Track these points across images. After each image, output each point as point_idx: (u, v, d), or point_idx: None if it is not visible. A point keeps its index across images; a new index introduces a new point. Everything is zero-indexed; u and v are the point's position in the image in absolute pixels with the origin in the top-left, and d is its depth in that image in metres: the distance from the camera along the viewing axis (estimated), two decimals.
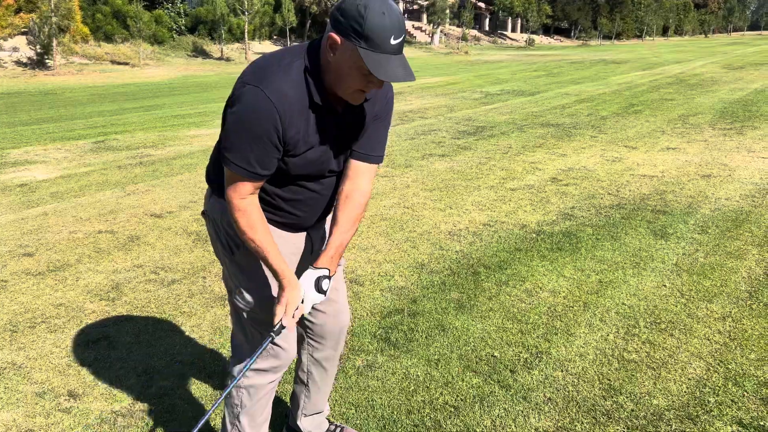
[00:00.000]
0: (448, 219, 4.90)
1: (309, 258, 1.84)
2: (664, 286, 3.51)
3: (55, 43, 20.49)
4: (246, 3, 27.33)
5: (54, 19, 20.11)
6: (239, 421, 1.85)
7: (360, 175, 1.71)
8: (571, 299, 3.35)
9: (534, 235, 4.45)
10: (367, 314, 3.21)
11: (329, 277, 1.67)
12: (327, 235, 1.81)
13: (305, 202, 1.73)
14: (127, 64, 23.66)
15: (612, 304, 3.28)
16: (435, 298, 3.39)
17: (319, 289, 1.65)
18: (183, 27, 29.15)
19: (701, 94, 13.70)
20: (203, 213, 1.83)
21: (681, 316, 3.12)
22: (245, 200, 1.58)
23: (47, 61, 20.79)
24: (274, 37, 33.75)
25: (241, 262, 1.75)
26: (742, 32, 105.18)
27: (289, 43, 31.57)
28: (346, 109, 1.62)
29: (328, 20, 1.49)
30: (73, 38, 23.03)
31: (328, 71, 1.51)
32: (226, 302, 3.39)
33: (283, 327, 1.60)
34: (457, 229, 4.63)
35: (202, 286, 3.64)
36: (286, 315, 1.60)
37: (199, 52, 28.50)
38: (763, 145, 7.71)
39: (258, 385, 1.82)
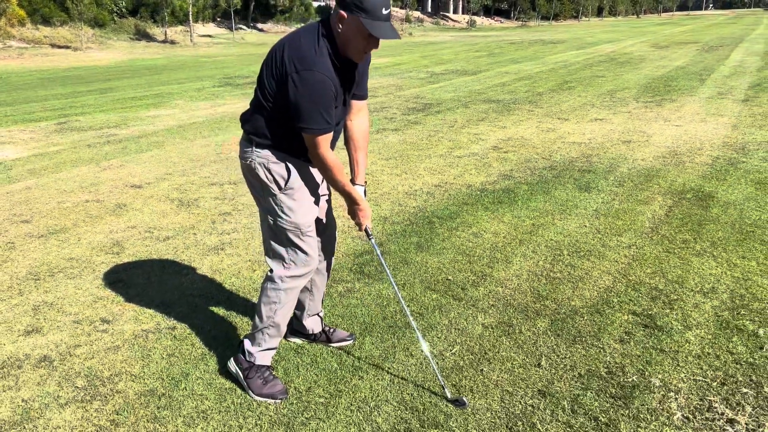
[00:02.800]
0: (405, 182, 5.54)
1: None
2: (585, 226, 4.26)
3: None
4: None
5: None
6: (275, 314, 2.43)
7: (362, 109, 2.42)
8: (509, 238, 4.06)
9: (478, 193, 5.15)
10: (342, 255, 3.82)
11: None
12: (353, 159, 2.47)
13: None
14: (68, 47, 23.21)
15: (542, 240, 4.00)
16: (398, 242, 4.03)
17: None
18: (124, 9, 28.64)
19: (629, 71, 14.77)
20: (244, 160, 2.34)
21: (597, 246, 3.87)
22: (328, 150, 2.18)
23: None
24: (218, 19, 33.47)
25: (288, 193, 2.32)
26: (672, 12, 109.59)
27: (233, 24, 31.41)
28: (352, 67, 2.24)
29: (335, 2, 2.12)
30: (9, 21, 22.44)
31: (339, 40, 2.11)
32: (219, 251, 3.94)
33: (368, 234, 2.47)
34: (413, 190, 5.28)
35: (194, 240, 4.17)
36: (368, 219, 2.44)
37: (142, 35, 28.10)
38: (678, 115, 8.66)
39: (295, 286, 2.43)
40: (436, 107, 9.90)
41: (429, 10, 61.86)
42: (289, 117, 2.15)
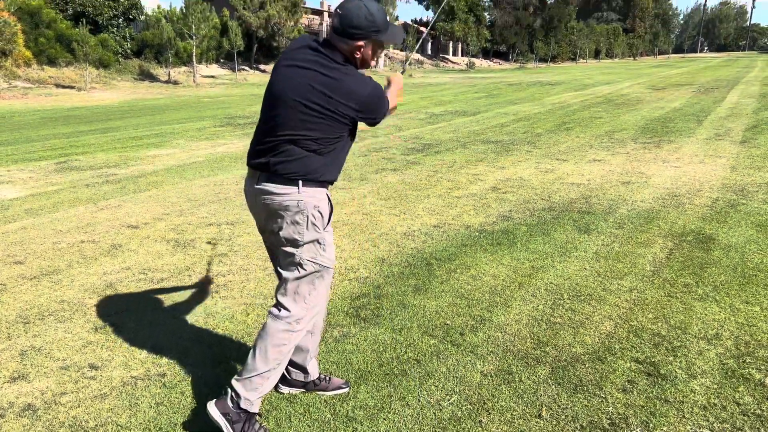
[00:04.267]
0: (403, 222, 5.51)
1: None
2: (585, 269, 4.21)
3: None
4: (193, 27, 27.60)
5: None
6: (284, 357, 2.39)
7: None
8: (508, 281, 4.00)
9: (477, 234, 5.11)
10: (338, 299, 3.76)
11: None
12: None
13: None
14: (72, 87, 23.52)
15: (542, 284, 3.94)
16: (396, 284, 3.97)
17: None
18: (129, 51, 29.10)
19: (626, 112, 14.92)
20: (287, 201, 2.35)
21: (597, 290, 3.81)
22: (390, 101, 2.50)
23: None
24: (221, 60, 34.03)
25: (329, 230, 2.43)
26: (668, 55, 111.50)
27: (236, 65, 31.93)
28: None
29: (336, 37, 2.29)
30: (15, 62, 22.78)
31: (356, 62, 2.34)
32: (213, 293, 3.88)
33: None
34: (411, 231, 5.24)
35: (189, 282, 4.11)
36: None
37: (146, 76, 28.51)
38: (676, 156, 8.69)
39: (306, 329, 2.46)
40: (435, 147, 9.95)
41: (429, 52, 62.99)
42: (338, 140, 2.33)
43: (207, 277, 4.20)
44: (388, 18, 2.31)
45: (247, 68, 34.73)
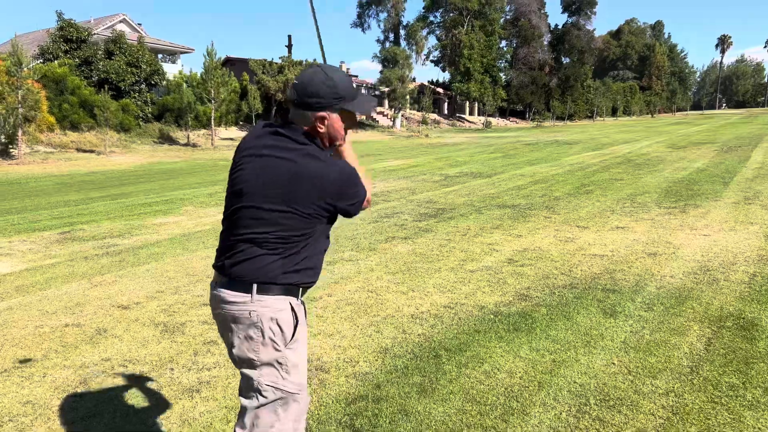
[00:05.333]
0: (411, 302, 5.09)
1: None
2: (613, 363, 3.73)
3: (20, 132, 20.64)
4: (212, 92, 28.12)
5: (21, 110, 20.35)
6: None
7: None
8: (526, 379, 3.53)
9: (492, 317, 4.67)
10: (332, 401, 3.32)
11: None
12: None
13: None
14: (92, 151, 23.85)
15: (564, 383, 3.47)
16: (398, 383, 3.53)
17: None
18: (150, 115, 29.69)
19: (648, 173, 14.52)
20: (239, 312, 1.98)
21: (628, 393, 3.33)
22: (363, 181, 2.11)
23: (11, 150, 20.86)
24: (240, 122, 34.56)
25: (293, 347, 2.00)
26: (686, 111, 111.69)
27: None
28: None
29: (295, 111, 1.98)
30: (38, 127, 23.23)
31: (322, 138, 2.02)
32: (194, 393, 3.47)
33: None
34: (420, 312, 4.81)
35: (169, 378, 3.71)
36: None
37: (166, 139, 28.94)
38: (704, 222, 8.22)
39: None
40: (449, 213, 9.60)
41: (446, 112, 63.76)
42: (304, 237, 1.98)
43: (190, 371, 3.80)
44: (354, 86, 2.04)
45: None
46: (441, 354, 3.95)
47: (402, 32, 53.25)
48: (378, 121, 48.05)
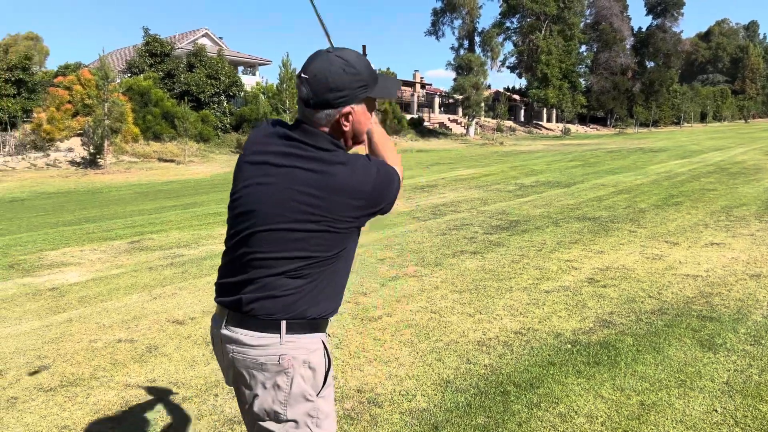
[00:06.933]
0: (478, 326, 4.65)
1: None
2: (715, 411, 3.16)
3: (106, 143, 21.61)
4: (287, 102, 28.57)
5: (107, 122, 21.31)
6: None
7: None
8: (609, 426, 3.03)
9: (569, 347, 4.16)
10: None
11: None
12: None
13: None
14: (173, 161, 24.69)
15: None
16: (459, 424, 3.11)
17: None
18: (228, 125, 30.50)
19: (744, 183, 13.32)
20: (265, 359, 1.67)
21: None
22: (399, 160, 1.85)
23: (99, 160, 21.87)
24: None
25: (326, 395, 1.70)
26: None
27: None
28: None
29: (310, 111, 1.64)
30: (124, 138, 24.30)
31: (346, 136, 1.70)
32: (235, 425, 3.19)
33: None
34: (487, 338, 4.37)
35: (212, 405, 3.45)
36: None
37: (242, 148, 29.65)
38: None
39: None
40: (523, 225, 9.03)
41: (522, 119, 62.29)
42: (337, 257, 1.67)
43: (234, 399, 3.53)
44: (373, 66, 1.71)
45: None
46: (509, 390, 3.50)
47: (477, 39, 52.44)
48: (451, 129, 47.49)
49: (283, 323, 1.62)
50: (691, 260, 6.51)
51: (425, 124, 46.25)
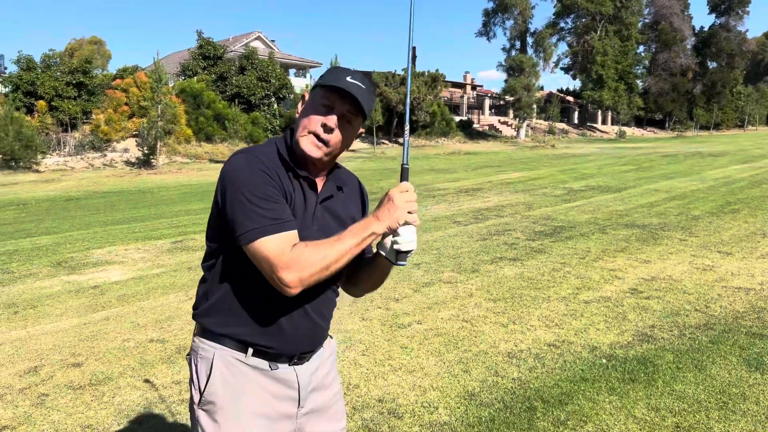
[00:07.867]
0: (510, 336, 4.50)
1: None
2: None
3: (159, 144, 22.23)
4: None
5: (160, 123, 21.92)
6: None
7: None
8: None
9: (604, 361, 3.96)
10: None
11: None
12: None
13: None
14: (223, 162, 25.20)
15: None
16: None
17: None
18: (278, 127, 30.93)
19: None
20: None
21: None
22: (303, 252, 1.48)
23: (152, 160, 22.52)
24: (362, 134, 35.10)
25: (208, 410, 1.60)
26: None
27: (375, 139, 32.68)
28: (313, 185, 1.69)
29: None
30: (177, 139, 24.94)
31: (296, 132, 1.64)
32: None
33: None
34: (518, 350, 4.21)
35: None
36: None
37: None
38: None
39: None
40: (568, 231, 8.76)
41: (575, 121, 60.90)
42: (216, 255, 1.63)
43: None
44: (350, 80, 1.63)
45: (386, 142, 35.48)
46: (536, 406, 3.35)
47: (529, 40, 51.44)
48: (501, 132, 46.84)
49: (196, 320, 1.72)
50: (745, 272, 6.15)
51: (474, 126, 45.77)
